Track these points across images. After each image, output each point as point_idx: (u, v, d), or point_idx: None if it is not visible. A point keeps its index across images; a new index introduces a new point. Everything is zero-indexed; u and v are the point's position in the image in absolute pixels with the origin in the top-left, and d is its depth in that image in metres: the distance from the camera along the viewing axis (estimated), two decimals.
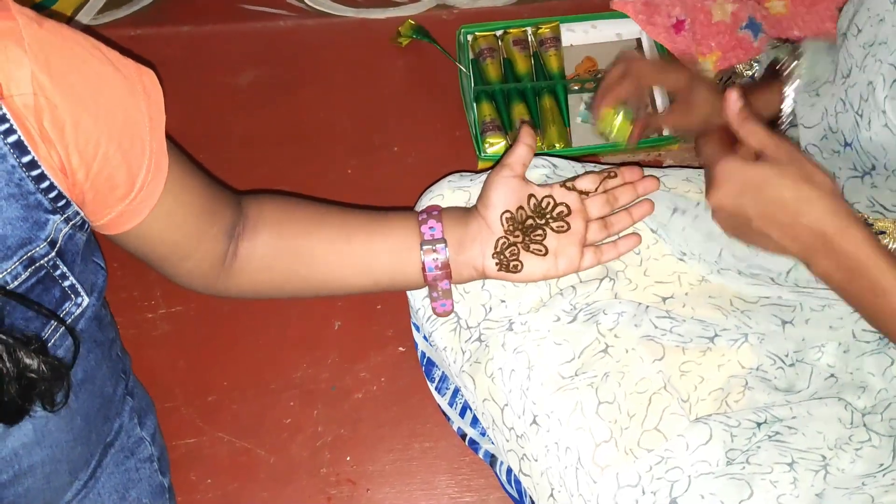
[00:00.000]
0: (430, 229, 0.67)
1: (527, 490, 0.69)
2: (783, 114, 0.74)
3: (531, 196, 0.68)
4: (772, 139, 0.59)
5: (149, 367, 0.89)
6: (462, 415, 0.79)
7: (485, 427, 0.71)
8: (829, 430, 0.64)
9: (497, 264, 0.67)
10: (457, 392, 0.79)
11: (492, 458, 0.78)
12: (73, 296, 0.55)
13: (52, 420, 0.61)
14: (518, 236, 0.67)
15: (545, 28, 1.03)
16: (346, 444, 0.89)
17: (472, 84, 0.99)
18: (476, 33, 1.03)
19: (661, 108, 1.00)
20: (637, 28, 1.04)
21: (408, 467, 0.88)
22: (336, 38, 1.09)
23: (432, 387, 0.82)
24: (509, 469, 0.74)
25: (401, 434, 0.89)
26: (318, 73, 1.07)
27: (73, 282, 0.54)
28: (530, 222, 0.68)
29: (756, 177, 0.58)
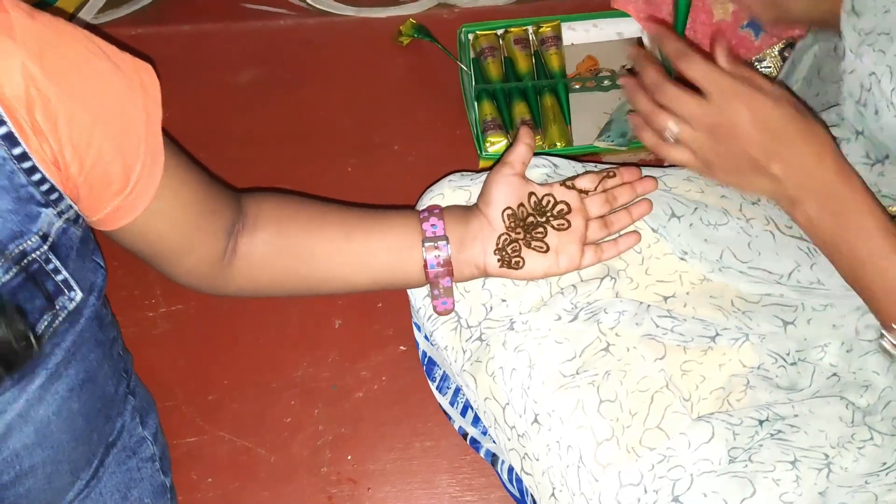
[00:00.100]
0: (432, 226, 0.67)
1: (528, 489, 0.68)
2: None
3: (531, 194, 0.69)
4: (717, 74, 0.60)
5: (149, 366, 0.89)
6: (463, 414, 0.79)
7: (486, 426, 0.71)
8: (832, 429, 0.64)
9: (499, 261, 0.67)
10: (458, 391, 0.79)
11: (493, 457, 0.78)
12: (66, 290, 0.55)
13: (53, 421, 0.61)
14: (519, 233, 0.67)
15: (546, 27, 1.03)
16: (346, 442, 0.89)
17: (473, 83, 0.99)
18: (477, 32, 1.03)
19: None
20: (638, 27, 1.04)
21: (409, 466, 0.88)
22: (337, 37, 1.09)
23: (433, 386, 0.81)
24: (510, 468, 0.74)
25: (402, 433, 0.89)
26: (319, 71, 1.06)
27: (67, 276, 0.54)
28: (531, 220, 0.68)
29: (768, 109, 0.59)
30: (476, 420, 0.78)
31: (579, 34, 1.05)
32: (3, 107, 0.44)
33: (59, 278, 0.53)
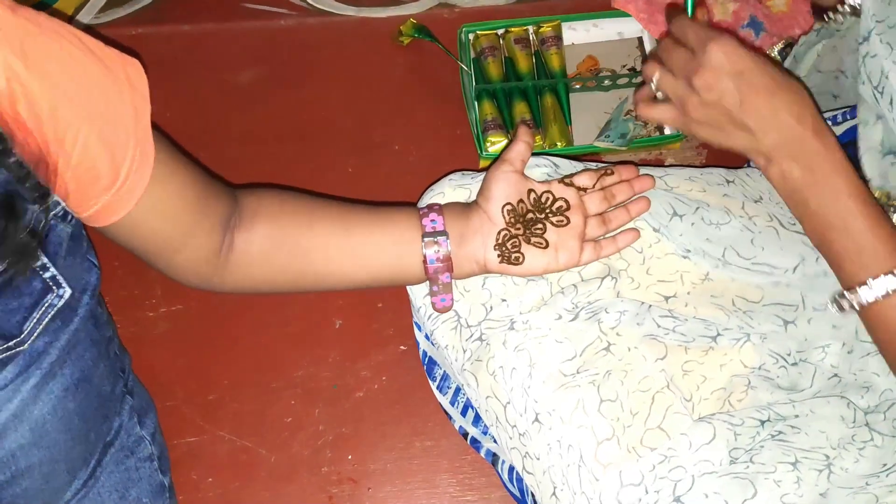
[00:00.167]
0: (432, 222, 0.67)
1: (529, 488, 0.68)
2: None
3: (531, 191, 0.69)
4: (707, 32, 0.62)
5: (149, 366, 0.89)
6: (464, 413, 0.79)
7: (488, 425, 0.71)
8: (832, 430, 0.64)
9: (499, 256, 0.67)
10: (458, 391, 0.79)
11: (493, 456, 0.78)
12: (54, 287, 0.54)
13: (49, 420, 0.61)
14: (519, 229, 0.68)
15: (547, 27, 1.03)
16: (347, 442, 0.89)
17: (474, 83, 0.99)
18: (477, 32, 1.03)
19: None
20: (638, 27, 1.04)
21: (409, 466, 0.88)
22: (337, 37, 1.08)
23: (434, 385, 0.81)
24: (511, 467, 0.74)
25: (402, 433, 0.89)
26: (320, 71, 1.06)
27: (55, 273, 0.53)
28: (530, 216, 0.68)
29: (748, 62, 0.60)
30: (476, 419, 0.78)
31: (580, 34, 1.05)
32: None
33: (46, 275, 0.53)
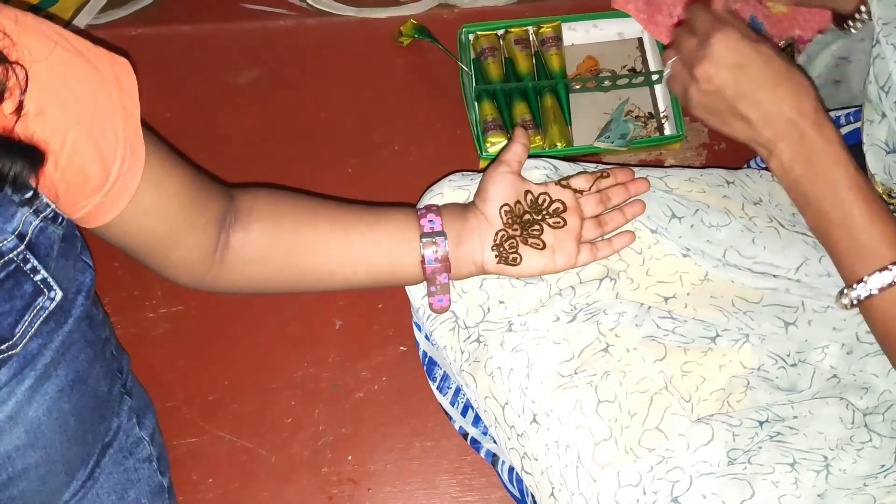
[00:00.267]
0: (430, 222, 0.67)
1: (528, 489, 0.68)
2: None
3: (528, 192, 0.69)
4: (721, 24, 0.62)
5: (149, 367, 0.89)
6: (464, 414, 0.79)
7: (487, 425, 0.71)
8: (831, 431, 0.64)
9: (496, 257, 0.67)
10: (458, 391, 0.79)
11: (493, 457, 0.78)
12: (45, 290, 0.54)
13: (44, 422, 0.60)
14: (517, 230, 0.68)
15: (547, 27, 1.02)
16: (347, 443, 0.89)
17: (474, 83, 0.99)
18: (477, 32, 1.03)
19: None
20: (638, 27, 1.04)
21: (409, 466, 0.88)
22: (337, 38, 1.08)
23: (434, 386, 0.81)
24: (511, 468, 0.74)
25: (402, 433, 0.89)
26: (319, 72, 1.06)
27: (46, 276, 0.53)
28: (528, 217, 0.69)
29: (750, 55, 0.60)
30: (476, 420, 0.78)
31: (580, 34, 1.05)
32: None
33: (37, 278, 0.53)
